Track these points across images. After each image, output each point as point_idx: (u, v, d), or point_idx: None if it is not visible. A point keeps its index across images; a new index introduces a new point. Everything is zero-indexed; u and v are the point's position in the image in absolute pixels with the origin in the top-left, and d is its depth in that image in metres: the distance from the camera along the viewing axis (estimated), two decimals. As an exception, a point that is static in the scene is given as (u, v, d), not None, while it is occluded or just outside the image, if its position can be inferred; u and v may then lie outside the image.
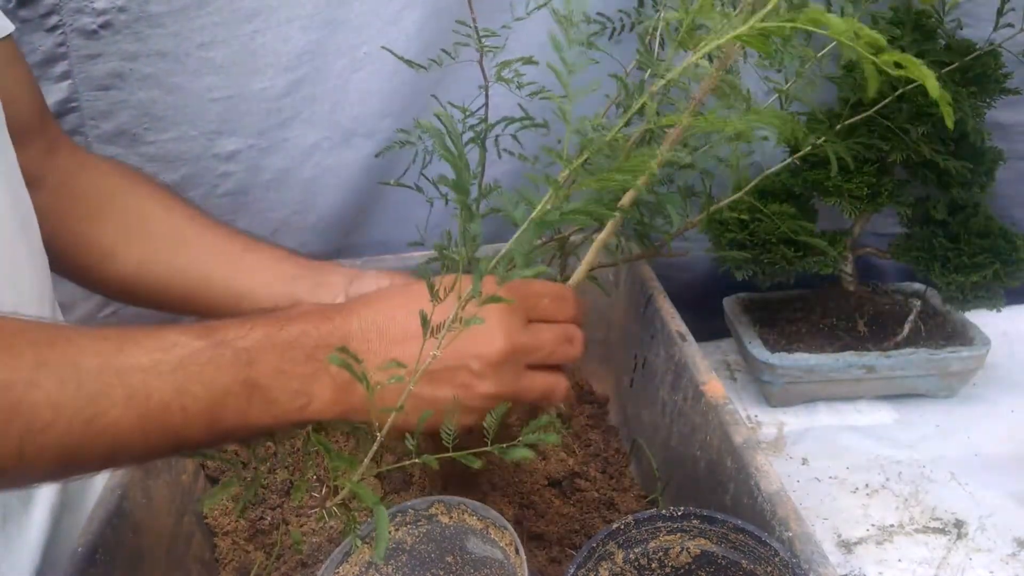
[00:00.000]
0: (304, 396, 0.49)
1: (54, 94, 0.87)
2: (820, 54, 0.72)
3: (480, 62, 0.75)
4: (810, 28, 0.40)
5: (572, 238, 0.79)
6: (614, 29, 0.81)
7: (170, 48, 0.88)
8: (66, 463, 0.44)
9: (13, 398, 0.41)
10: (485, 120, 0.76)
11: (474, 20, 0.72)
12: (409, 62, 0.78)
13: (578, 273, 0.65)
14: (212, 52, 0.89)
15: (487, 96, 0.77)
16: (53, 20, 0.84)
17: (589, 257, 0.64)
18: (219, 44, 0.89)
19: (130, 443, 0.45)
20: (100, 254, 0.69)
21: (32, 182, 0.65)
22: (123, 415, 0.44)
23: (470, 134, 0.74)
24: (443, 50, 0.75)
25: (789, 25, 0.40)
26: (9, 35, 0.64)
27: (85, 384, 0.43)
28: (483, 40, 0.74)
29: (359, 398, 0.49)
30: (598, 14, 0.80)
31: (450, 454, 0.55)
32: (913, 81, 0.44)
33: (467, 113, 0.74)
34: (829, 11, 0.48)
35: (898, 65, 0.37)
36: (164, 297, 0.70)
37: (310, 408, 0.49)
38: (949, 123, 0.38)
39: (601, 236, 0.64)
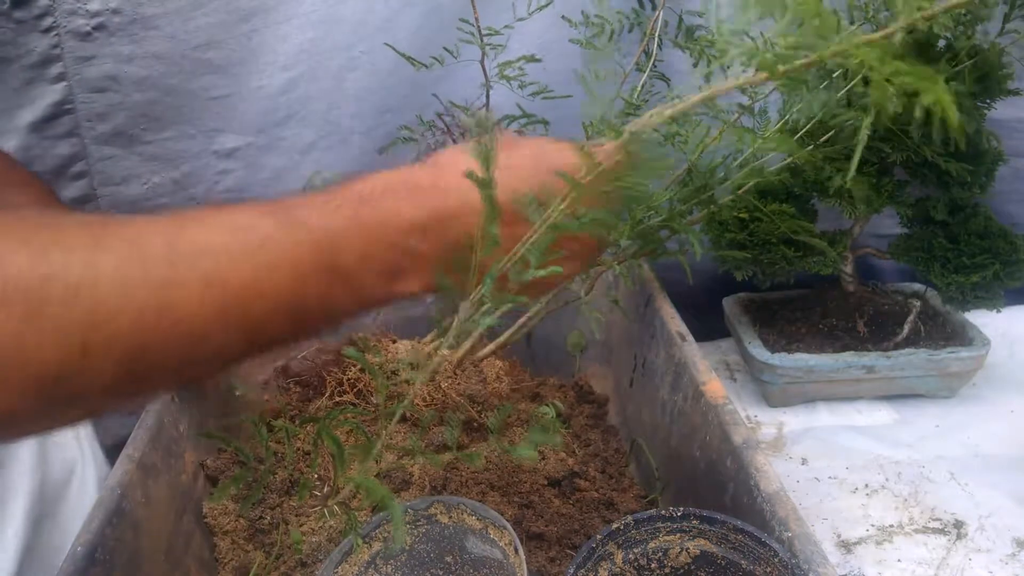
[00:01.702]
0: (392, 277, 0.45)
1: (49, 96, 0.87)
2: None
3: (482, 61, 0.75)
4: (835, 61, 0.39)
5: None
6: (612, 31, 0.81)
7: (166, 50, 0.87)
8: (137, 361, 0.37)
9: (71, 280, 0.35)
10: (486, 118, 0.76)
11: (476, 19, 0.72)
12: (411, 60, 0.78)
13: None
14: (209, 53, 0.89)
15: (488, 95, 0.77)
16: (47, 22, 0.83)
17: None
18: (215, 45, 0.89)
19: (209, 335, 0.39)
20: None
21: None
22: (199, 298, 0.38)
23: None
24: (445, 48, 0.75)
25: (816, 57, 0.40)
26: None
27: (152, 267, 0.37)
28: (485, 39, 0.74)
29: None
30: (596, 16, 0.81)
31: (453, 453, 0.55)
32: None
33: (468, 113, 0.75)
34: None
35: (905, 73, 0.36)
36: None
37: (400, 288, 0.45)
38: (960, 140, 0.37)
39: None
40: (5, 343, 0.33)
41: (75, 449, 0.71)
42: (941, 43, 0.83)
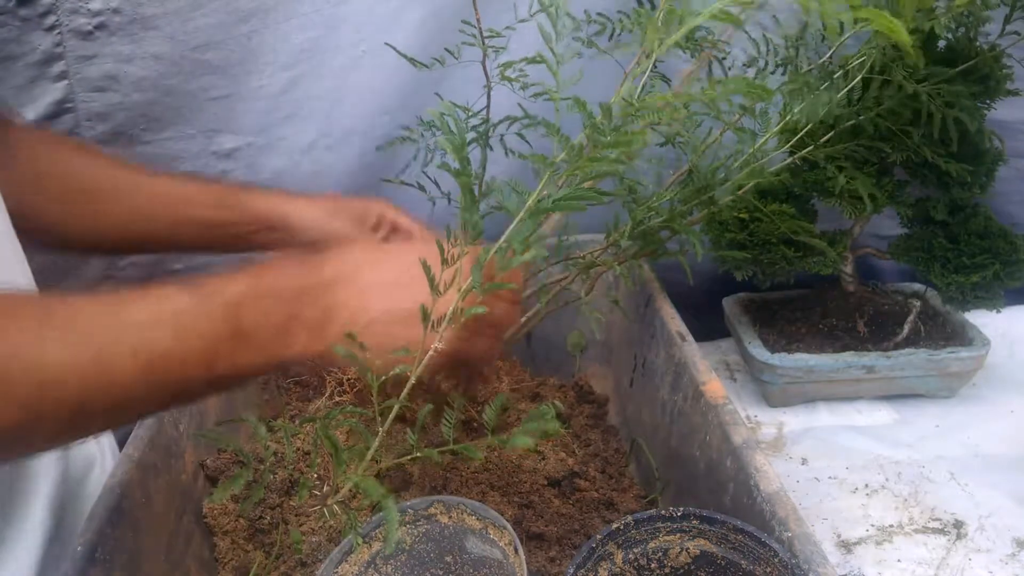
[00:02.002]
0: (283, 339, 0.52)
1: (51, 94, 0.87)
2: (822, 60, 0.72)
3: (483, 62, 0.75)
4: None
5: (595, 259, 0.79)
6: (614, 30, 0.80)
7: (165, 51, 0.88)
8: (77, 418, 0.46)
9: (25, 362, 0.43)
10: (487, 120, 0.76)
11: (478, 20, 0.72)
12: (413, 61, 0.78)
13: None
14: (208, 54, 0.89)
15: (489, 96, 0.77)
16: (50, 20, 0.84)
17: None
18: (215, 46, 0.89)
19: (136, 393, 0.47)
20: (38, 218, 0.73)
21: None
22: (129, 367, 0.46)
23: (473, 134, 0.73)
24: (447, 49, 0.75)
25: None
26: None
27: (90, 342, 0.46)
28: (486, 41, 0.73)
29: (327, 342, 0.53)
30: (598, 14, 0.80)
31: (451, 447, 0.55)
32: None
33: (470, 113, 0.74)
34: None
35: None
36: (123, 243, 0.78)
37: (290, 350, 0.52)
38: (915, 59, 0.37)
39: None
40: None
41: (93, 445, 0.74)
42: (940, 44, 0.83)
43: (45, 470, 0.66)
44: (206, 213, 0.77)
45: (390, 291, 0.54)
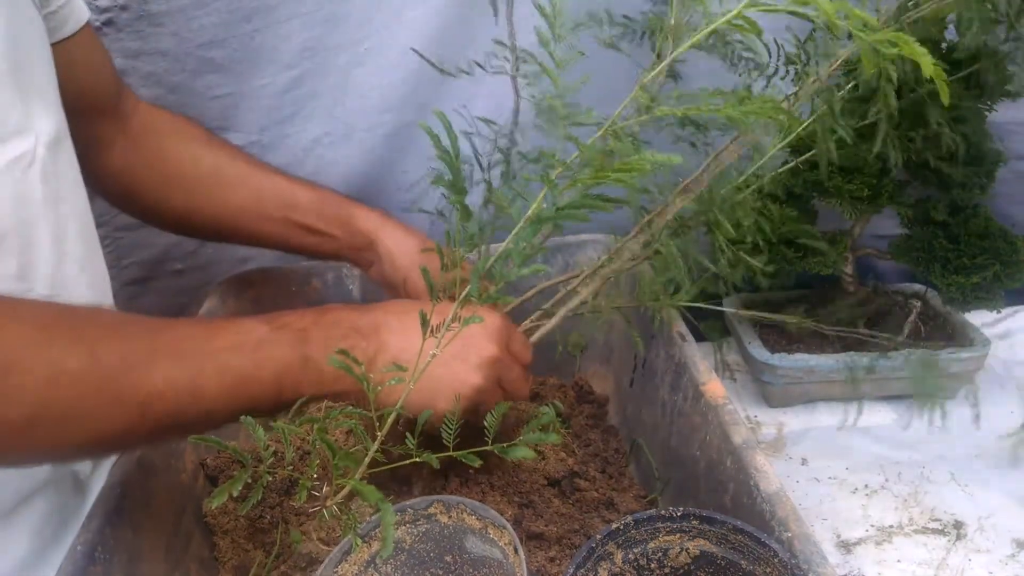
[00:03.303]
0: (340, 370, 0.57)
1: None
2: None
3: (513, 76, 0.75)
4: (797, 10, 0.40)
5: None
6: (634, 31, 0.80)
7: (170, 48, 0.88)
8: (170, 427, 0.53)
9: (137, 376, 0.50)
10: (511, 137, 0.75)
11: (512, 36, 0.72)
12: (442, 70, 0.78)
13: (540, 332, 0.75)
14: (212, 52, 0.89)
15: (517, 110, 0.76)
16: None
17: (555, 322, 0.75)
18: (218, 44, 0.89)
19: (218, 409, 0.54)
20: (162, 204, 0.80)
21: (105, 146, 0.76)
22: (217, 387, 0.53)
23: (499, 155, 0.73)
24: (476, 62, 0.74)
25: (777, 9, 0.41)
26: (88, 22, 0.70)
27: (188, 363, 0.53)
28: (488, 53, 0.73)
29: (375, 376, 0.59)
30: (623, 16, 0.79)
31: (451, 453, 0.55)
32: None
33: (496, 130, 0.74)
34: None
35: (892, 44, 0.37)
36: (219, 232, 0.83)
37: (345, 379, 0.57)
38: (944, 99, 0.38)
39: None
40: (89, 413, 0.48)
41: None
42: (942, 45, 0.83)
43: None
44: (308, 220, 0.81)
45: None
